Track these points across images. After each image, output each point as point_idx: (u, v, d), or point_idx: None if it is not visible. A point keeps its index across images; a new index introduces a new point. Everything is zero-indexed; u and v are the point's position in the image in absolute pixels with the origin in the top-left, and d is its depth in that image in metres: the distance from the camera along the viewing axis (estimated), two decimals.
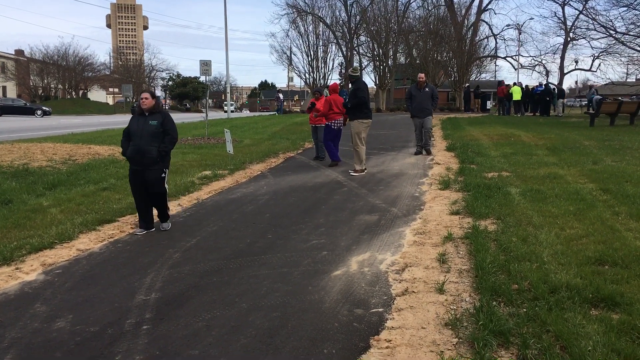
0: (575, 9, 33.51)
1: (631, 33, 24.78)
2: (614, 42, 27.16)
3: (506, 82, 33.63)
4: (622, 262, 4.30)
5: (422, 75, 12.45)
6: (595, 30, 27.43)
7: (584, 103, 41.20)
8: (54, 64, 63.03)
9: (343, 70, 44.25)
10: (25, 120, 31.85)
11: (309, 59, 45.77)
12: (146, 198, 6.02)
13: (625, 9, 23.61)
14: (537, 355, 2.97)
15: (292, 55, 46.95)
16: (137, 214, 6.87)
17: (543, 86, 29.86)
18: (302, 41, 45.75)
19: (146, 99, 5.98)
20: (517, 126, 19.07)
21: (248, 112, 75.36)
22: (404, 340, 3.30)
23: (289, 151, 13.63)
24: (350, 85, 10.51)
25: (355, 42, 45.59)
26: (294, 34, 46.40)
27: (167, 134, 5.99)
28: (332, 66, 47.40)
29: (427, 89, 12.23)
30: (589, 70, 37.59)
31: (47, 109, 42.86)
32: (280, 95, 41.89)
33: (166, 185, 6.11)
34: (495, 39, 42.03)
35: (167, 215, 6.24)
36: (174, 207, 7.23)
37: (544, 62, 39.61)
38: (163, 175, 6.01)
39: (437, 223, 6.04)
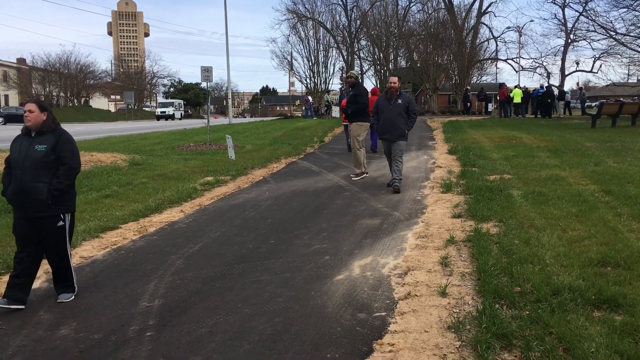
0: (576, 10, 33.65)
1: (631, 34, 24.80)
2: (614, 43, 27.19)
3: (507, 85, 33.64)
4: (624, 263, 4.30)
5: (395, 79, 8.86)
6: (595, 31, 27.47)
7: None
8: (56, 72, 63.31)
9: (344, 75, 44.37)
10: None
11: (310, 64, 45.97)
12: (34, 257, 4.19)
13: (625, 10, 23.66)
14: (540, 357, 2.98)
15: (293, 60, 47.14)
16: (140, 220, 6.88)
17: (545, 88, 29.85)
18: (303, 46, 46.00)
19: (31, 111, 4.08)
20: (519, 128, 19.07)
21: (249, 117, 74.52)
22: (407, 344, 3.30)
23: (291, 156, 13.65)
24: (350, 89, 10.51)
25: (356, 46, 45.80)
26: (294, 39, 46.52)
27: (62, 163, 4.10)
28: (333, 71, 47.55)
29: (399, 101, 8.61)
30: (590, 71, 37.56)
31: None
32: (310, 98, 41.71)
33: (68, 242, 4.28)
34: (496, 42, 42.10)
35: (72, 281, 4.30)
36: (176, 213, 7.25)
37: (545, 64, 39.62)
38: (61, 223, 4.18)
39: (439, 226, 6.05)
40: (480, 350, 3.07)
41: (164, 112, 54.92)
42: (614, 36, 26.07)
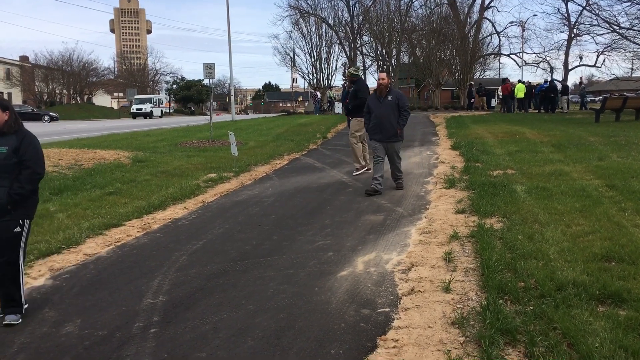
0: (579, 4, 33.30)
1: (635, 28, 24.66)
2: (618, 37, 27.04)
3: (511, 80, 33.50)
4: (628, 258, 4.28)
5: (383, 75, 8.27)
6: (598, 25, 27.27)
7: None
8: (59, 70, 63.36)
9: (346, 70, 44.25)
10: (32, 126, 32.01)
11: (312, 60, 45.75)
12: None
13: (628, 4, 23.53)
14: (544, 352, 2.97)
15: (296, 56, 46.98)
16: (144, 217, 6.89)
17: (548, 83, 29.71)
18: (305, 42, 45.74)
19: None
20: (522, 123, 19.00)
21: (252, 114, 74.14)
22: (411, 339, 3.30)
23: (294, 152, 13.65)
24: (351, 86, 10.48)
25: (358, 42, 45.62)
26: (296, 35, 46.24)
27: (26, 167, 3.81)
28: (336, 67, 47.35)
29: (389, 98, 8.12)
30: (594, 66, 37.31)
31: (54, 114, 43.19)
32: (318, 94, 41.71)
33: (22, 252, 3.87)
34: (499, 37, 41.87)
35: (20, 300, 3.86)
36: (180, 210, 7.26)
37: (548, 58, 39.38)
38: (18, 229, 3.80)
39: (443, 222, 6.04)
40: (484, 346, 3.07)
41: (140, 109, 47.11)
42: (618, 30, 25.92)
